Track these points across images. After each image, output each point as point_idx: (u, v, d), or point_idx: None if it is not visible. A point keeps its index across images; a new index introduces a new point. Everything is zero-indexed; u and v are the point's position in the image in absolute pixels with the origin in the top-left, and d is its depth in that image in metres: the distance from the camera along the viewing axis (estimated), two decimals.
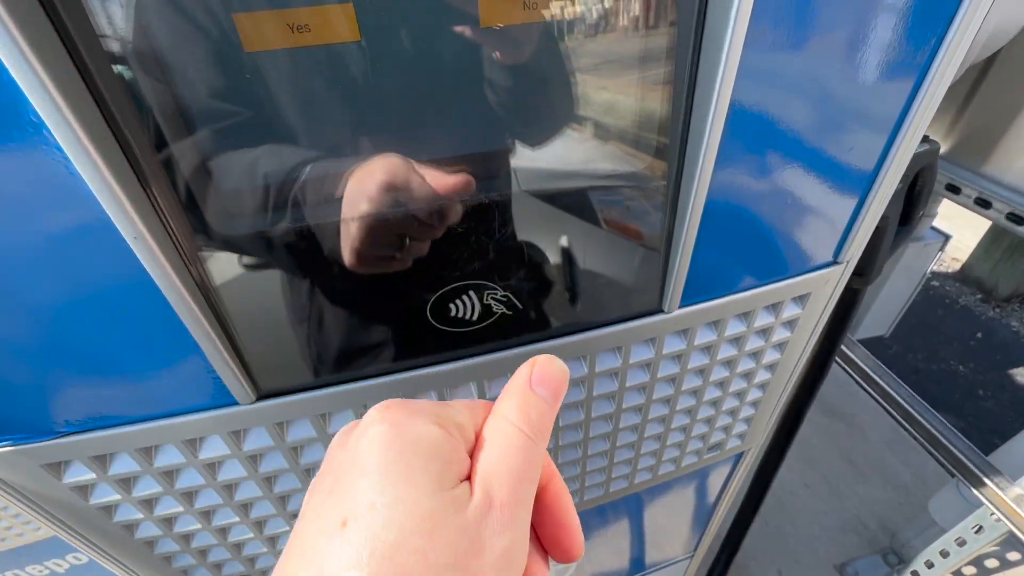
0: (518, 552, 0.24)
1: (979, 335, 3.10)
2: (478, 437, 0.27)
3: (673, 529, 1.07)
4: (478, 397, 0.51)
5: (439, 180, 0.37)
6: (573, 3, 0.35)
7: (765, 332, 0.60)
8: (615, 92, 0.40)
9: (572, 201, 0.44)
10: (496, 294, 0.45)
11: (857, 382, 1.60)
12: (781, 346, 0.64)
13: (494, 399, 0.52)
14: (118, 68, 0.30)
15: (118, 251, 0.33)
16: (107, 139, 0.30)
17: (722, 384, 0.64)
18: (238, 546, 0.59)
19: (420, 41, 0.33)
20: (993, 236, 3.30)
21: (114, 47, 0.29)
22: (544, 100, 0.39)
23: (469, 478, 0.25)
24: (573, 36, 0.36)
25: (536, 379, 0.29)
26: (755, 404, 0.72)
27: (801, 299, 0.59)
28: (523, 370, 0.30)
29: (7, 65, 0.25)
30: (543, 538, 0.30)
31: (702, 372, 0.61)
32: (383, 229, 0.38)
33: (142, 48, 0.30)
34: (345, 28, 0.32)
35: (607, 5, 0.35)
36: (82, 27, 0.28)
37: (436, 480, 0.23)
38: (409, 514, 0.22)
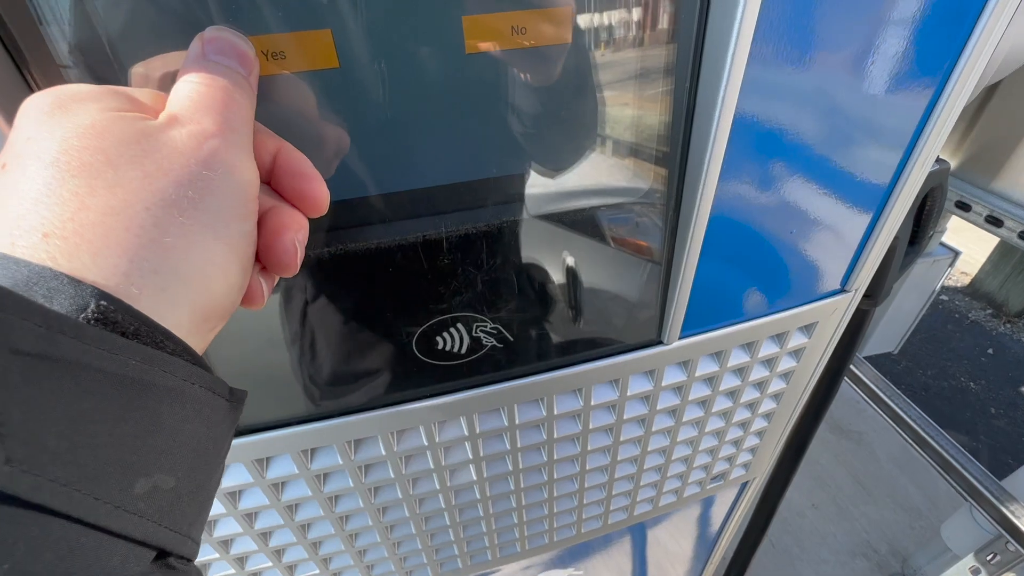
0: (235, 162, 0.23)
1: (990, 351, 3.04)
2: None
3: (676, 556, 1.03)
4: (467, 433, 0.49)
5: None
6: (562, 27, 0.33)
7: (770, 362, 0.58)
8: (610, 109, 0.38)
9: (567, 229, 0.42)
10: (485, 326, 0.43)
11: (865, 400, 1.56)
12: (787, 376, 0.61)
13: (485, 434, 0.50)
14: None
15: None
16: None
17: (725, 415, 0.62)
18: None
19: (400, 68, 0.32)
20: (1002, 251, 3.26)
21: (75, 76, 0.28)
22: (541, 128, 0.37)
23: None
24: (566, 57, 0.34)
25: (211, 51, 0.25)
26: (760, 434, 0.69)
27: (808, 328, 0.57)
28: (191, 50, 0.25)
29: None
30: (289, 196, 0.28)
31: (704, 403, 0.58)
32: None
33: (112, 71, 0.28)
34: (322, 55, 0.30)
35: (599, 27, 0.34)
36: (41, 60, 0.26)
37: (105, 106, 0.21)
38: (71, 127, 0.20)
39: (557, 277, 0.43)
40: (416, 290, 0.39)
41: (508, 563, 0.72)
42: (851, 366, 1.61)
